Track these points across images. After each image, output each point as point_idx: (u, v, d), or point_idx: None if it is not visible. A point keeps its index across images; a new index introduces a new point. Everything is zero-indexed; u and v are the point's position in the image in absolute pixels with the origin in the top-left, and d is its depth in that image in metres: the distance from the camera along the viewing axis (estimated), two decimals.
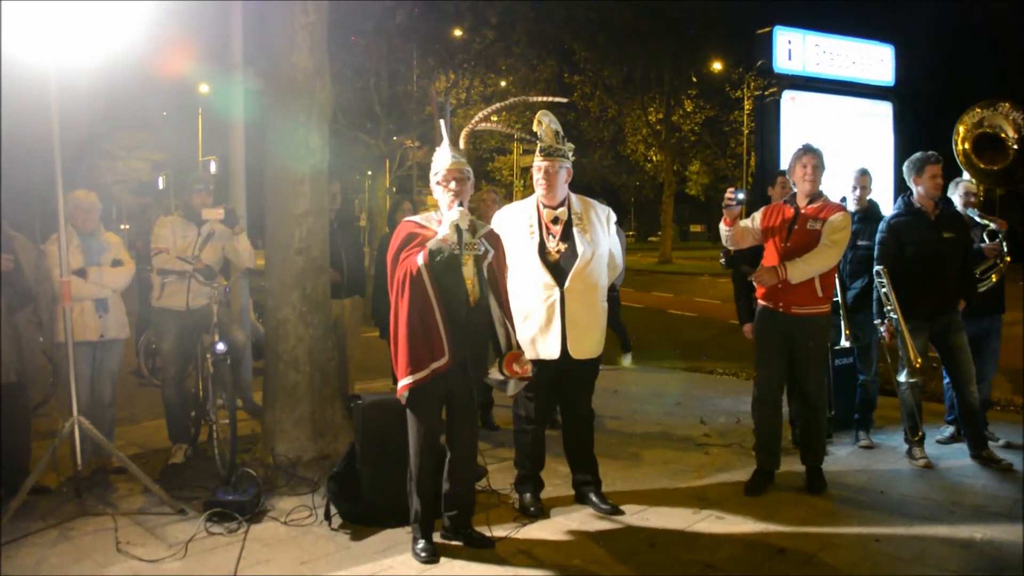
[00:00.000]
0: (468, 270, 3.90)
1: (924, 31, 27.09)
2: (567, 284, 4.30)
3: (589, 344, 4.42)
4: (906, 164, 5.39)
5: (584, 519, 4.40)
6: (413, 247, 3.85)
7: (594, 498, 4.55)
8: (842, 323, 5.56)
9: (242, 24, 6.80)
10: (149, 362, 8.30)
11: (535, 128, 4.40)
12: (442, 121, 4.26)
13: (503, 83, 21.54)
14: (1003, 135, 5.64)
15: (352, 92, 15.13)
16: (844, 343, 5.59)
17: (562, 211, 4.41)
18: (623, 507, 4.51)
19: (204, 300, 5.34)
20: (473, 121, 4.27)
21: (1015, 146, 5.58)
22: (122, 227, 24.82)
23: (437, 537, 4.03)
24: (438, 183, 3.95)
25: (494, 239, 4.11)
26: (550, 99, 4.89)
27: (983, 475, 5.16)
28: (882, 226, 5.46)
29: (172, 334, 5.39)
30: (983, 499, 4.74)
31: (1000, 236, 5.58)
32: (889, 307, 5.24)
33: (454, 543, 4.03)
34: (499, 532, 4.16)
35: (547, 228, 4.39)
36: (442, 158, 3.97)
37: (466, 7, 15.49)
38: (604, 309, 4.49)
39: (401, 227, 3.97)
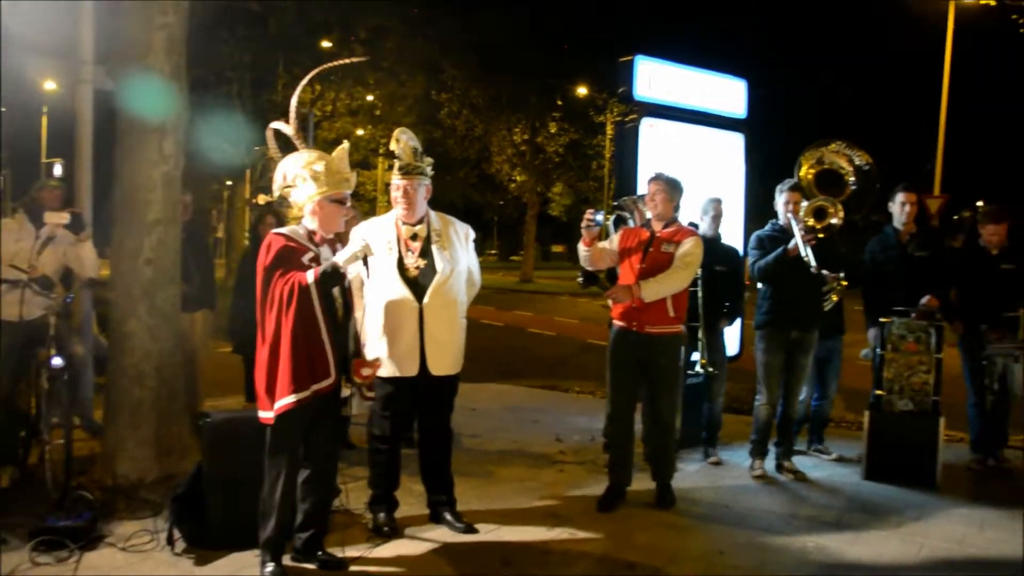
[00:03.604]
0: (336, 288, 3.88)
1: (775, 68, 28.78)
2: (426, 300, 4.29)
3: (448, 360, 4.41)
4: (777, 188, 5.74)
5: (438, 538, 4.38)
6: (293, 265, 3.75)
7: (449, 517, 4.54)
8: (700, 351, 5.79)
9: (93, 20, 6.46)
10: None
11: (392, 146, 4.38)
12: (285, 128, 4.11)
13: (370, 97, 21.39)
14: (840, 171, 6.08)
15: (213, 99, 14.65)
16: (698, 369, 5.82)
17: (421, 228, 4.41)
18: (478, 525, 4.51)
19: (40, 311, 5.02)
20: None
21: (851, 178, 6.03)
22: None
23: (287, 560, 3.91)
24: (332, 200, 3.87)
25: None
26: (347, 61, 4.87)
27: (817, 488, 5.49)
28: (753, 241, 5.77)
29: (2, 347, 5.03)
30: (817, 510, 5.03)
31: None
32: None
33: (305, 565, 3.93)
34: (352, 552, 4.09)
35: (406, 244, 4.37)
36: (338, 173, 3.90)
37: (336, 20, 15.31)
38: (463, 325, 4.51)
39: (272, 241, 3.82)
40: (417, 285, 4.31)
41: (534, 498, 5.11)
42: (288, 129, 4.04)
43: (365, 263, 4.15)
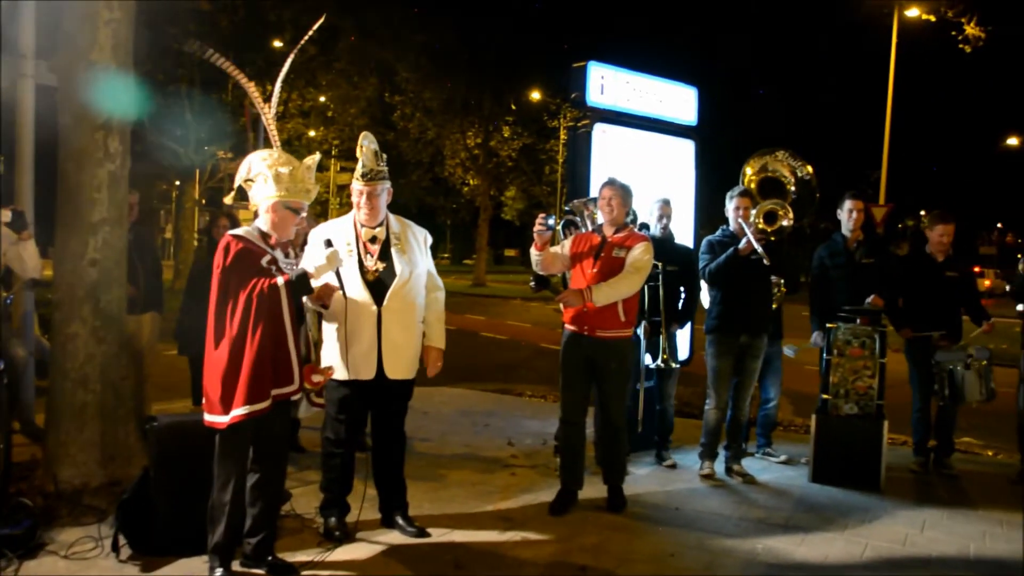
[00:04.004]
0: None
1: (724, 76, 29.18)
2: (385, 303, 4.27)
3: (405, 364, 4.39)
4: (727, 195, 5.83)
5: (390, 542, 4.35)
6: (252, 267, 3.70)
7: (401, 521, 4.52)
8: (661, 345, 5.84)
9: (35, 12, 6.29)
10: None
11: (357, 152, 4.36)
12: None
13: (322, 98, 21.21)
14: (783, 179, 6.22)
15: (162, 97, 14.40)
16: (659, 363, 5.87)
17: (380, 231, 4.38)
18: (430, 529, 4.50)
19: None
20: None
21: (792, 187, 6.17)
22: None
23: (237, 565, 3.85)
24: (288, 206, 3.82)
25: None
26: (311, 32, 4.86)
27: (766, 491, 5.57)
28: (704, 247, 5.84)
29: None
30: (765, 512, 5.11)
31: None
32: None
33: (255, 571, 3.87)
34: (303, 557, 4.05)
35: (365, 247, 4.34)
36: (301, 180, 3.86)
37: (288, 19, 15.15)
38: (420, 329, 4.49)
39: (230, 242, 3.74)
40: (376, 288, 4.28)
41: (486, 502, 5.10)
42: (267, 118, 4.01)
43: (336, 272, 4.11)
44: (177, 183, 21.28)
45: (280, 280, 3.68)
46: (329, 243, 3.99)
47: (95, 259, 5.00)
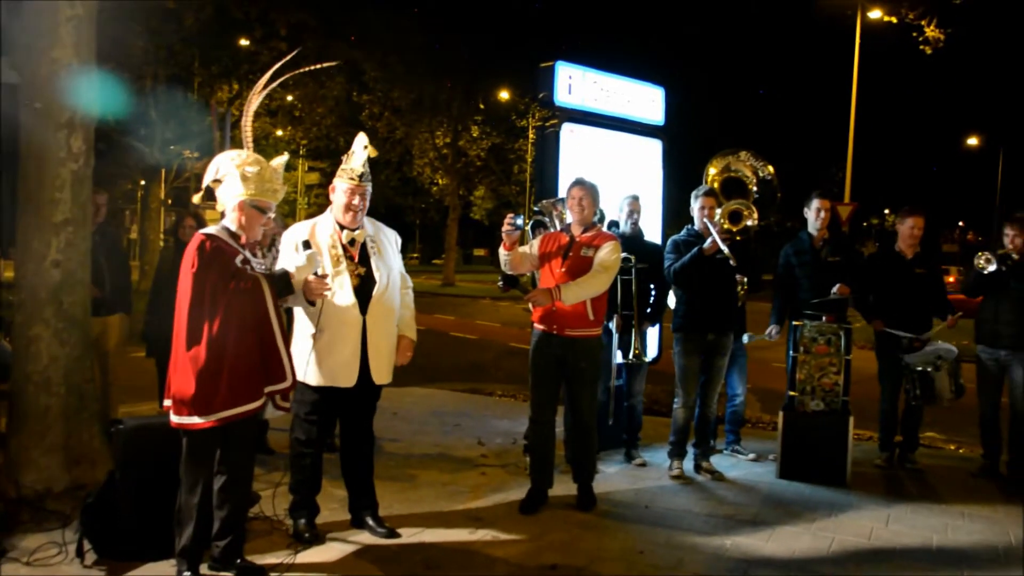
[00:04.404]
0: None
1: (691, 76, 29.42)
2: (369, 311, 4.25)
3: (387, 369, 4.39)
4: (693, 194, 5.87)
5: (360, 543, 4.33)
6: (226, 267, 3.66)
7: (371, 522, 4.50)
8: (633, 340, 5.87)
9: None
10: None
11: (346, 155, 4.36)
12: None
13: (289, 97, 21.05)
14: (745, 179, 6.30)
15: (127, 95, 14.19)
16: (630, 357, 5.90)
17: (359, 232, 4.36)
18: (400, 529, 4.48)
19: None
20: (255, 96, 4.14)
21: (754, 187, 6.24)
22: None
23: (204, 569, 3.81)
24: (255, 205, 3.79)
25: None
26: (320, 66, 4.83)
27: (734, 487, 5.62)
28: (669, 246, 5.88)
29: None
30: (734, 509, 5.16)
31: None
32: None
33: (223, 574, 3.83)
34: (272, 560, 4.02)
35: (345, 250, 4.32)
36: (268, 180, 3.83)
37: (256, 16, 14.99)
38: (396, 333, 4.48)
39: (204, 241, 3.68)
40: (359, 294, 4.25)
41: (456, 501, 5.10)
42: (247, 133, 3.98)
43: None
44: (142, 183, 20.99)
45: (263, 278, 3.67)
46: (307, 244, 3.98)
47: (58, 260, 4.92)
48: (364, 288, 4.26)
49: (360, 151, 4.30)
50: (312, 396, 4.30)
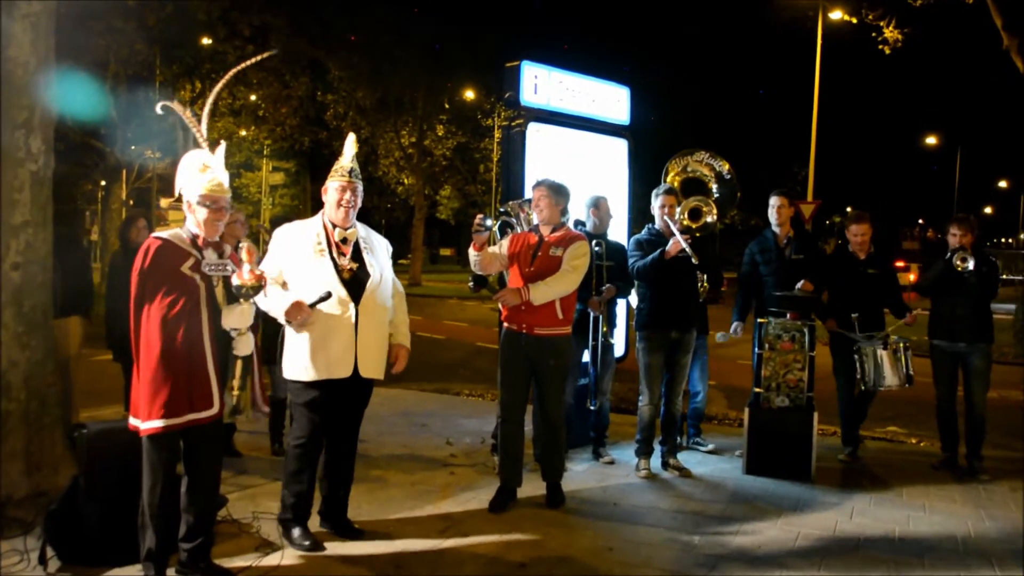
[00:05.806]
0: (219, 293, 3.80)
1: (656, 76, 29.64)
2: (362, 301, 4.25)
3: (377, 363, 4.37)
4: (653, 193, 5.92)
5: (330, 544, 4.31)
6: (171, 271, 3.61)
7: (340, 523, 4.47)
8: (601, 321, 5.91)
9: None
10: None
11: (342, 155, 4.40)
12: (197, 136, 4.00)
13: (253, 97, 20.84)
14: (703, 178, 6.37)
15: (86, 94, 13.96)
16: (601, 338, 5.93)
17: (352, 232, 4.37)
18: (369, 530, 4.48)
19: None
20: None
21: (713, 185, 6.32)
22: None
23: (172, 572, 3.78)
24: (205, 204, 3.74)
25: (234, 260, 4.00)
26: (256, 59, 4.77)
27: (701, 484, 5.68)
28: (632, 245, 5.91)
29: None
30: (701, 505, 5.21)
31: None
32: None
33: None
34: (240, 563, 3.99)
35: (337, 247, 4.31)
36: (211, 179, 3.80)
37: (218, 16, 14.82)
38: (388, 331, 4.47)
39: (150, 245, 3.65)
40: (351, 287, 4.25)
41: (425, 501, 5.10)
42: (194, 130, 3.92)
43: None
44: (103, 183, 20.63)
45: (220, 281, 3.64)
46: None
47: (17, 263, 4.84)
48: (357, 282, 4.27)
49: (349, 149, 4.38)
50: (310, 395, 4.26)
